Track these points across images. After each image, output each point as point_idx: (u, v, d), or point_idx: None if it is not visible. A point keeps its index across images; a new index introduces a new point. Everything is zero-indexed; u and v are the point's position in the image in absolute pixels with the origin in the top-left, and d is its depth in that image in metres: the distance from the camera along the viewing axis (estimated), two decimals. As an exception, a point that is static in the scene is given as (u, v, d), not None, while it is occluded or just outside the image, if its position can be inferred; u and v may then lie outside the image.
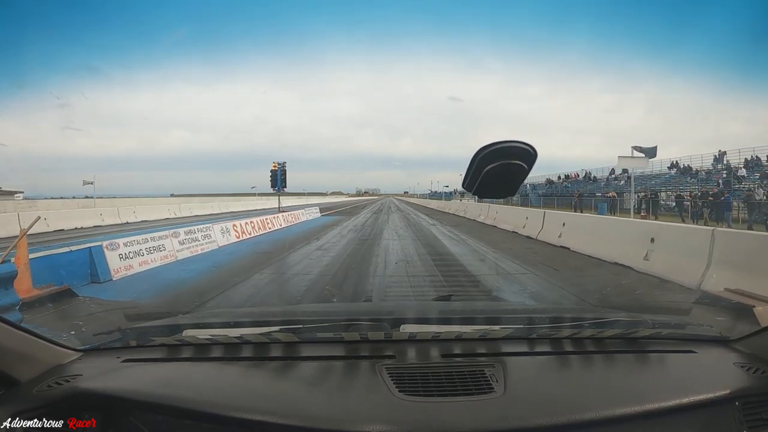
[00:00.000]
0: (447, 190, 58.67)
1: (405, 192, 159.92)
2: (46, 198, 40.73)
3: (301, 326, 1.27)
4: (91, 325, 3.86)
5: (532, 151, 1.01)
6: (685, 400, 0.94)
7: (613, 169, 43.72)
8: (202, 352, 1.19)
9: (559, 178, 50.99)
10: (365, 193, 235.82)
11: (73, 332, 2.96)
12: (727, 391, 0.98)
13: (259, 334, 1.23)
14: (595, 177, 44.14)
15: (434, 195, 79.83)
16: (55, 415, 0.95)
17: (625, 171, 40.80)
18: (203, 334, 1.29)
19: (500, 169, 1.02)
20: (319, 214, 21.09)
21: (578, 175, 48.79)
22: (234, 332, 1.27)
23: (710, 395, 0.96)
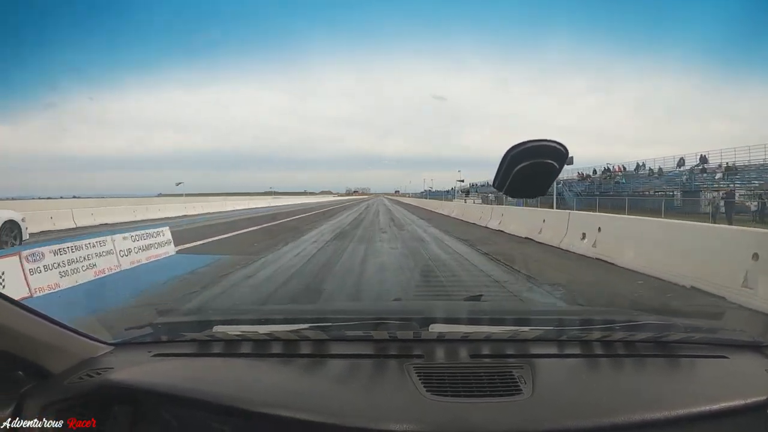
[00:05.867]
0: (463, 185, 46.05)
1: (396, 191, 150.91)
2: (34, 199, 37.78)
3: (330, 324, 1.27)
4: (123, 319, 3.28)
5: (563, 149, 1.00)
6: (716, 407, 0.90)
7: (681, 158, 32.14)
8: (232, 348, 1.17)
9: (595, 172, 39.32)
10: (355, 192, 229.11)
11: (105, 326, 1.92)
12: (759, 398, 0.94)
13: (289, 331, 1.22)
14: (660, 169, 32.10)
15: (433, 194, 68.36)
16: (86, 407, 0.95)
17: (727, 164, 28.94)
18: (233, 330, 1.27)
19: (531, 169, 1.01)
20: (168, 250, 7.39)
21: (623, 168, 37.21)
22: (264, 329, 1.25)
23: (741, 402, 0.93)
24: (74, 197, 46.26)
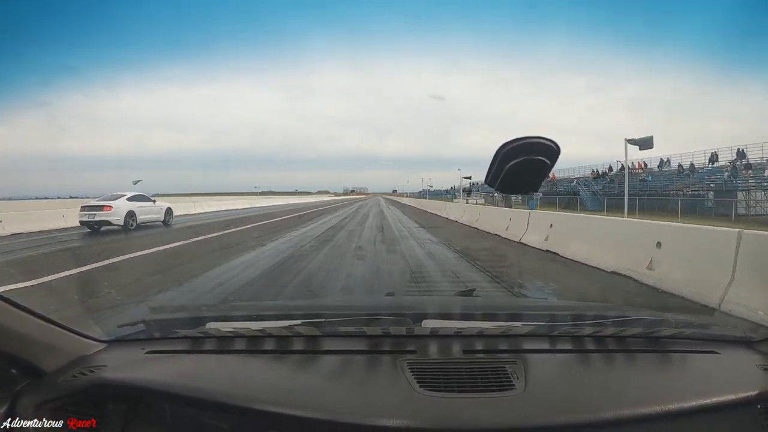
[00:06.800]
0: (466, 184, 41.31)
1: (394, 191, 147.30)
2: (28, 199, 40.05)
3: (323, 320, 1.24)
4: (115, 316, 3.40)
5: (555, 146, 0.99)
6: (707, 402, 0.91)
7: (714, 153, 28.19)
8: (225, 344, 1.17)
9: (611, 169, 35.28)
10: (352, 192, 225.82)
11: (97, 323, 2.05)
12: (749, 394, 0.93)
13: (282, 327, 1.21)
14: (692, 165, 28.12)
15: (432, 194, 64.51)
16: (80, 405, 0.95)
17: None
18: (226, 326, 1.25)
19: (523, 165, 1.00)
20: None
21: (644, 165, 33.28)
22: (256, 325, 1.23)
23: (732, 397, 0.93)
24: (71, 198, 46.39)
